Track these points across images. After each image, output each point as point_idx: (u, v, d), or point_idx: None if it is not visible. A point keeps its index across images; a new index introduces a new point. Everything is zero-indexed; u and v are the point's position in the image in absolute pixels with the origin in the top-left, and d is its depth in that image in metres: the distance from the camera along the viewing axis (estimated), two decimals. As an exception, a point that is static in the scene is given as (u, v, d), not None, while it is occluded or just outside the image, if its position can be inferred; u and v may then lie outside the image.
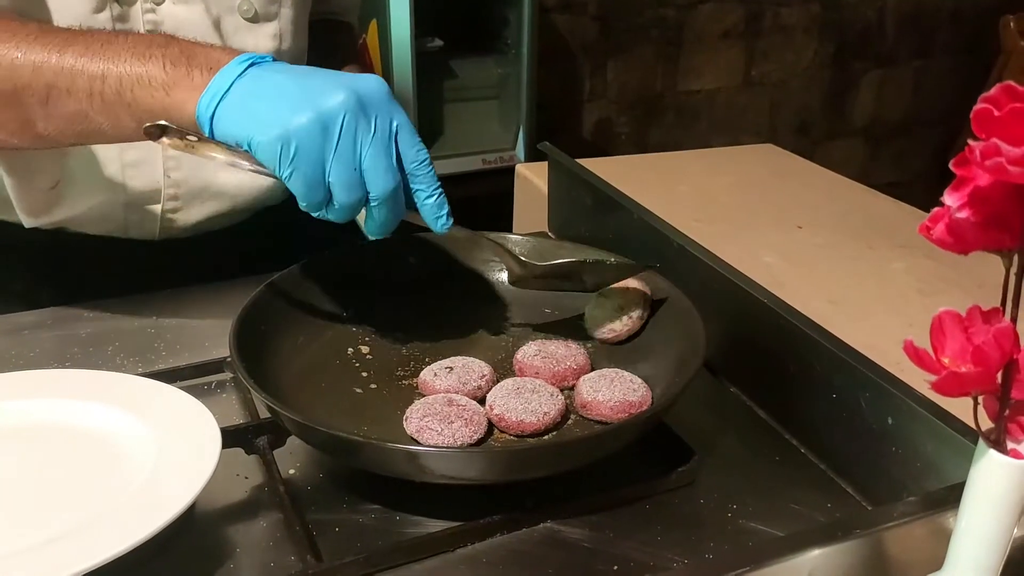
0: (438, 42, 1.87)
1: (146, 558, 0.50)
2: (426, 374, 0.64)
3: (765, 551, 0.43)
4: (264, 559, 0.53)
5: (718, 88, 2.63)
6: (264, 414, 0.62)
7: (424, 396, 0.62)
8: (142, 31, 0.75)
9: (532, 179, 1.12)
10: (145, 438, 0.57)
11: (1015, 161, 0.29)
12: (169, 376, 0.65)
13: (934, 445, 0.53)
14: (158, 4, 0.76)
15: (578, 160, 0.96)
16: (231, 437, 0.58)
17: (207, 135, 0.57)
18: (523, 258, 0.67)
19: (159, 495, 0.51)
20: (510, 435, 0.59)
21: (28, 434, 0.59)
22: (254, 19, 0.80)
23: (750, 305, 0.68)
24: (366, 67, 1.67)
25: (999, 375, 0.35)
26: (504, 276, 0.76)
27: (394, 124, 0.57)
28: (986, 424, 0.37)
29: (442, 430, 0.56)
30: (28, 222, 0.79)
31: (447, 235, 0.76)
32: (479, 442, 0.57)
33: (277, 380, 0.61)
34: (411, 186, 0.60)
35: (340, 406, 0.62)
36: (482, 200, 1.50)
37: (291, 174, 0.55)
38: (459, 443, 0.56)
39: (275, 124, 0.55)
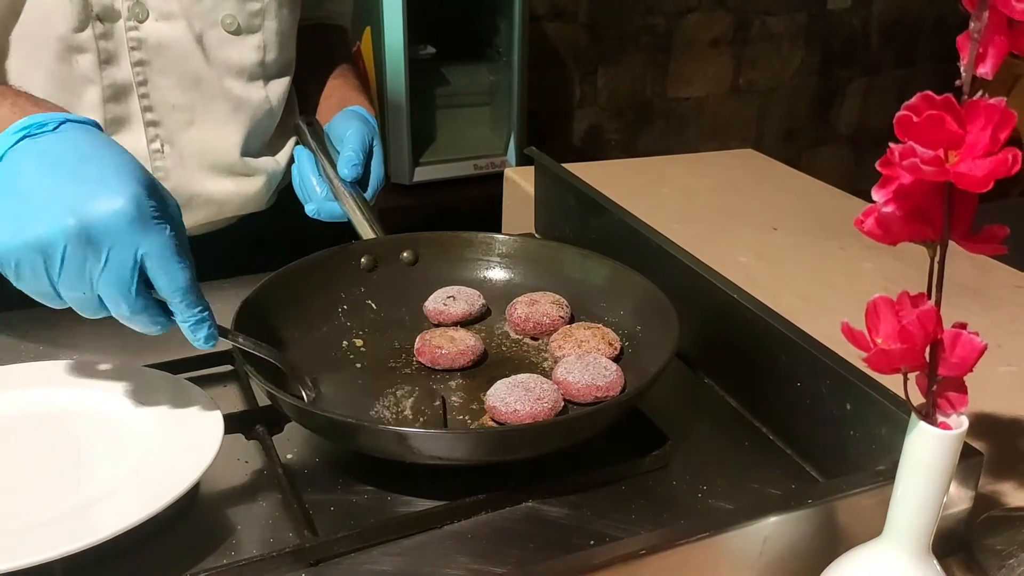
0: (430, 49, 1.90)
1: (152, 535, 0.54)
2: (436, 303, 0.74)
3: (724, 519, 0.47)
4: (264, 535, 0.56)
5: (707, 95, 2.68)
6: (263, 402, 0.66)
7: (435, 325, 0.74)
8: (126, 48, 0.77)
9: (520, 182, 1.16)
10: (150, 423, 0.61)
11: (928, 162, 0.33)
12: (172, 367, 0.69)
13: (888, 428, 0.57)
14: (141, 22, 0.77)
15: (566, 165, 1.00)
16: (232, 423, 0.62)
17: None
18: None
19: (165, 476, 0.55)
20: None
21: (40, 421, 0.62)
22: (237, 32, 0.82)
23: (724, 301, 0.72)
24: (360, 72, 1.71)
25: (927, 354, 0.39)
26: (493, 274, 0.80)
27: (139, 253, 0.52)
28: (918, 400, 0.41)
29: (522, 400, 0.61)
30: None
31: (436, 236, 0.81)
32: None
33: (275, 370, 0.65)
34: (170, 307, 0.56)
35: (336, 393, 0.66)
36: (473, 204, 1.54)
37: (19, 286, 0.54)
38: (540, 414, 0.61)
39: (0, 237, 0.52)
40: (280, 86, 0.88)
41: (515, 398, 0.62)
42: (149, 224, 0.52)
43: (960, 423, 0.41)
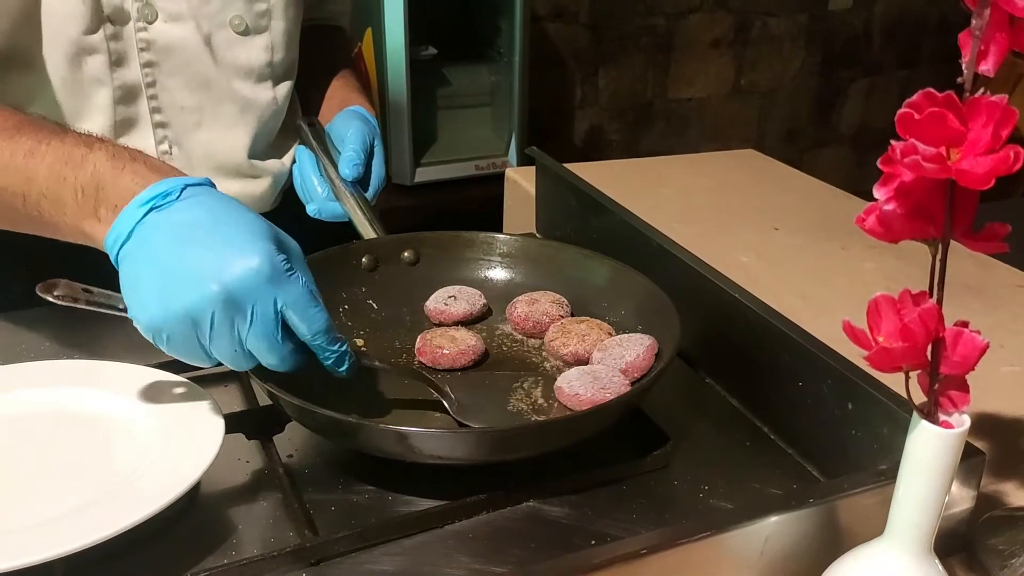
0: (432, 50, 1.91)
1: (154, 534, 0.54)
2: (437, 303, 0.74)
3: (725, 519, 0.47)
4: (265, 535, 0.56)
5: (708, 96, 2.68)
6: (264, 402, 0.66)
7: (436, 325, 0.74)
8: (135, 50, 0.78)
9: (521, 183, 1.16)
10: (152, 423, 0.61)
11: (930, 159, 0.33)
12: (174, 367, 0.69)
13: (889, 427, 0.57)
14: (150, 23, 0.78)
15: (567, 165, 1.00)
16: (233, 423, 0.62)
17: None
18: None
19: (165, 475, 0.55)
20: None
21: (42, 419, 0.62)
22: (245, 33, 0.82)
23: (725, 301, 0.72)
24: (361, 73, 1.71)
25: (928, 352, 0.39)
26: (494, 273, 0.80)
27: (279, 305, 0.55)
28: (919, 399, 0.41)
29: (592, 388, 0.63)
30: None
31: (438, 236, 0.81)
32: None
33: (276, 371, 0.65)
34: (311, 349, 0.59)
35: (336, 392, 0.66)
36: (474, 205, 1.54)
37: (171, 352, 0.56)
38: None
39: (147, 311, 0.55)
40: (287, 87, 0.89)
41: (581, 384, 0.63)
42: (283, 277, 0.55)
43: (962, 422, 0.41)
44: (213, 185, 0.60)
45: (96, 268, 0.77)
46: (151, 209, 0.56)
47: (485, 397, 0.65)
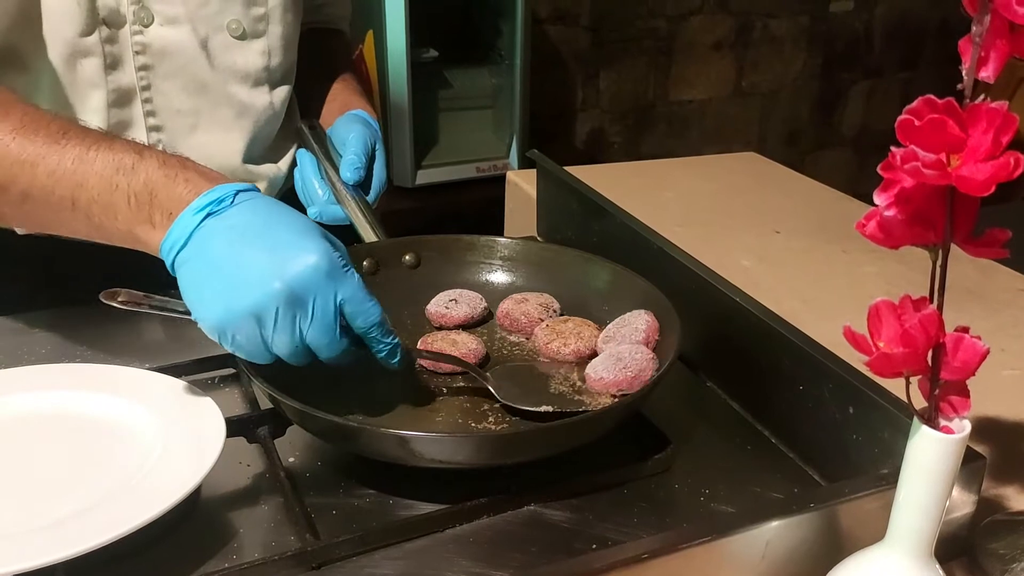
0: (433, 53, 1.91)
1: (155, 538, 0.54)
2: (438, 307, 0.75)
3: (726, 523, 0.47)
4: (266, 539, 0.57)
5: (709, 98, 2.68)
6: (265, 405, 0.66)
7: (437, 328, 0.75)
8: (131, 53, 0.78)
9: (522, 185, 1.16)
10: (153, 427, 0.61)
11: (930, 166, 0.33)
12: (175, 370, 0.69)
13: (890, 432, 0.57)
14: (146, 26, 0.77)
15: (568, 168, 1.00)
16: (234, 426, 0.62)
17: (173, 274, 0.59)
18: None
19: (167, 479, 0.55)
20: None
21: (43, 423, 0.62)
22: (242, 37, 0.82)
23: (726, 305, 0.72)
24: (362, 76, 1.71)
25: (929, 357, 0.39)
26: (495, 277, 0.80)
27: (338, 299, 0.57)
28: (920, 404, 0.41)
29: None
30: (21, 230, 0.81)
31: (439, 239, 0.81)
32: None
33: (276, 374, 0.65)
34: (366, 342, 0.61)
35: (337, 397, 0.66)
36: (476, 207, 1.55)
37: (235, 350, 0.58)
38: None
39: (213, 311, 0.57)
40: (284, 92, 0.89)
41: (604, 366, 0.64)
42: (340, 272, 0.58)
43: (962, 427, 0.41)
44: (259, 191, 0.62)
45: (103, 268, 0.78)
46: (207, 216, 0.58)
47: (527, 383, 0.66)
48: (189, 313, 0.59)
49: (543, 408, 0.62)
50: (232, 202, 0.59)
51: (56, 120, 0.64)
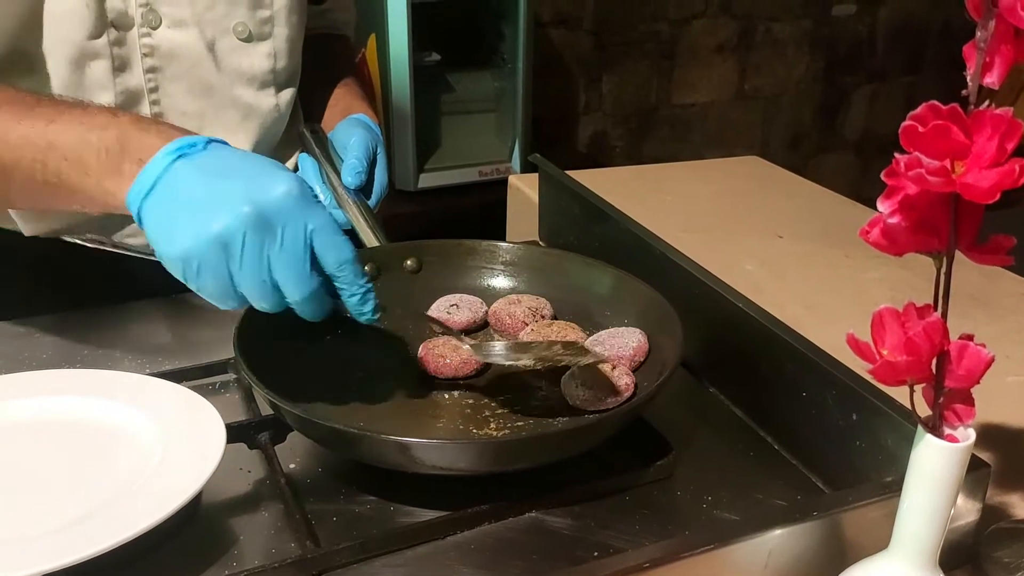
0: (435, 56, 1.91)
1: (155, 545, 0.54)
2: (439, 312, 0.74)
3: (729, 531, 0.47)
4: (266, 546, 0.56)
5: (711, 102, 2.68)
6: (266, 411, 0.66)
7: (441, 331, 0.72)
8: (139, 55, 0.78)
9: (524, 190, 1.16)
10: (153, 433, 0.60)
11: (934, 173, 0.32)
12: (176, 376, 0.69)
13: (894, 439, 0.57)
14: (154, 29, 0.78)
15: (570, 172, 1.00)
16: (235, 433, 0.62)
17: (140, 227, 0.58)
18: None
19: (167, 486, 0.55)
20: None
21: (44, 429, 0.62)
22: (248, 39, 0.82)
23: (729, 310, 0.71)
24: (365, 81, 1.71)
25: (933, 365, 0.38)
26: (497, 282, 0.80)
27: (308, 229, 0.56)
28: (924, 412, 0.41)
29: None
30: (27, 230, 0.81)
31: (440, 244, 0.81)
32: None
33: (277, 380, 0.64)
34: (334, 285, 0.59)
35: (338, 403, 0.66)
36: (478, 211, 1.54)
37: (199, 287, 0.56)
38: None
39: (178, 241, 0.55)
40: (289, 94, 0.89)
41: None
42: (312, 202, 0.57)
43: (967, 435, 0.41)
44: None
45: (105, 272, 0.78)
46: (178, 157, 0.57)
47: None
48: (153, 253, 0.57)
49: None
50: (204, 148, 0.58)
51: (31, 95, 0.64)
